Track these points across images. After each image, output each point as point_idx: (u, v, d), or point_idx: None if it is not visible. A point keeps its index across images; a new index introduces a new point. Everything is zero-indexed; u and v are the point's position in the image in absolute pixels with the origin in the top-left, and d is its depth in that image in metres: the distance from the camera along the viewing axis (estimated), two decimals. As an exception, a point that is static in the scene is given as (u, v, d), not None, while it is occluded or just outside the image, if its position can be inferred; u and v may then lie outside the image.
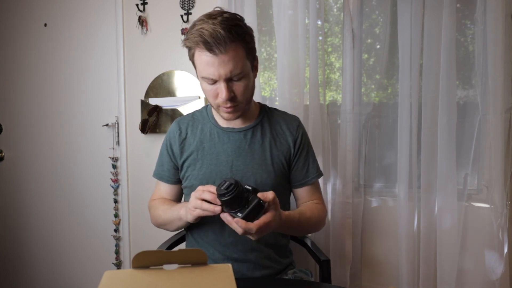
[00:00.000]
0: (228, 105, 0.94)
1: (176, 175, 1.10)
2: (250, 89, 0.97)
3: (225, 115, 0.98)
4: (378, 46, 1.56)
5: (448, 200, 1.38)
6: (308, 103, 1.50)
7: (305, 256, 1.42)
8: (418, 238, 1.43)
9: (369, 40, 1.57)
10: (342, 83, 1.50)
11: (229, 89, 0.91)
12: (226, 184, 0.77)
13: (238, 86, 0.93)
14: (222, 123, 1.06)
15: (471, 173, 1.44)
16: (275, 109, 1.14)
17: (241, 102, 0.96)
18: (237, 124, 1.04)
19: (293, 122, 1.10)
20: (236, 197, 0.76)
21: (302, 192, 1.11)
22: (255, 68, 1.00)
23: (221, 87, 0.90)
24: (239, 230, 0.78)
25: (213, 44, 0.85)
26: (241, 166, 1.02)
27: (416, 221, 1.43)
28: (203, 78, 0.93)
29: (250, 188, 0.79)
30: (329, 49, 1.59)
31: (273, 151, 1.05)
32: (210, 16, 0.89)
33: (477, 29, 1.36)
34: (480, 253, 1.38)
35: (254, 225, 0.77)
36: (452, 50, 1.33)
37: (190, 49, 0.93)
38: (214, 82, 0.91)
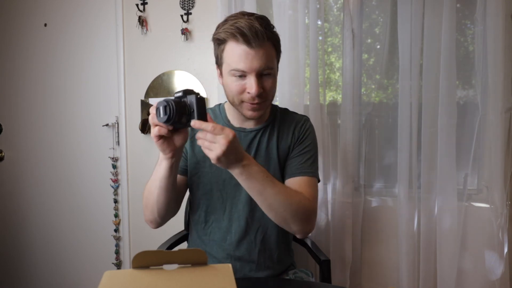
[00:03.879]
0: (256, 101, 0.91)
1: (184, 166, 1.04)
2: (276, 88, 0.97)
3: (249, 112, 0.94)
4: (378, 46, 1.56)
5: (448, 200, 1.38)
6: (308, 103, 1.50)
7: (305, 256, 1.42)
8: (418, 238, 1.43)
9: (369, 40, 1.57)
10: (342, 83, 1.50)
11: (259, 84, 0.89)
12: (161, 109, 0.74)
13: (267, 82, 0.92)
14: (235, 122, 1.03)
15: (471, 173, 1.44)
16: (286, 109, 1.11)
17: (268, 100, 0.95)
18: (250, 124, 1.02)
19: (299, 121, 1.06)
20: (178, 112, 0.74)
21: (290, 182, 0.99)
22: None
23: (251, 82, 0.89)
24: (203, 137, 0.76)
25: (250, 37, 0.85)
26: None
27: (416, 221, 1.43)
28: (231, 72, 0.90)
29: (180, 93, 0.77)
30: (329, 49, 1.59)
31: (279, 153, 1.02)
32: (243, 14, 0.90)
33: (477, 29, 1.37)
34: (480, 253, 1.38)
35: (207, 124, 0.75)
36: (452, 50, 1.33)
37: (222, 42, 0.91)
38: (243, 77, 0.90)
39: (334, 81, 1.62)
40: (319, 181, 1.05)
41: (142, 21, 1.74)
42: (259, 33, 0.85)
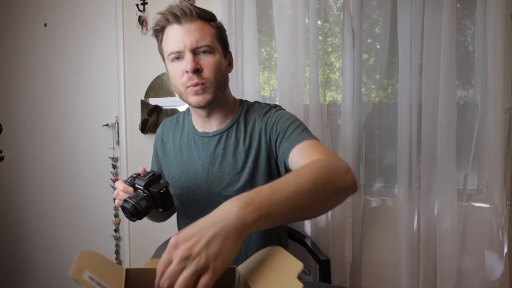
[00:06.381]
0: (195, 80, 0.85)
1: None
2: (221, 71, 0.89)
3: (193, 98, 0.88)
4: (378, 46, 1.56)
5: (448, 200, 1.38)
6: (308, 103, 1.50)
7: (305, 256, 1.42)
8: (418, 238, 1.42)
9: (369, 40, 1.57)
10: (342, 83, 1.50)
11: (195, 61, 0.85)
12: (128, 211, 0.78)
13: (206, 61, 0.86)
14: (199, 127, 0.99)
15: (471, 173, 1.44)
16: (256, 102, 1.02)
17: (209, 80, 0.87)
18: (212, 127, 0.97)
19: (262, 111, 0.96)
20: (144, 212, 0.80)
21: (291, 160, 0.83)
22: (229, 63, 0.96)
23: (186, 58, 0.85)
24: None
25: (179, 15, 0.85)
26: (217, 174, 0.95)
27: (416, 221, 1.43)
28: (170, 57, 0.88)
29: (144, 181, 0.81)
30: (329, 49, 1.59)
31: (249, 151, 0.93)
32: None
33: (477, 29, 1.36)
34: (480, 253, 1.38)
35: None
36: (452, 50, 1.33)
37: (159, 31, 0.90)
38: (181, 58, 0.87)
39: (334, 81, 1.62)
40: (313, 137, 0.85)
41: (142, 21, 1.74)
42: (187, 10, 0.85)
